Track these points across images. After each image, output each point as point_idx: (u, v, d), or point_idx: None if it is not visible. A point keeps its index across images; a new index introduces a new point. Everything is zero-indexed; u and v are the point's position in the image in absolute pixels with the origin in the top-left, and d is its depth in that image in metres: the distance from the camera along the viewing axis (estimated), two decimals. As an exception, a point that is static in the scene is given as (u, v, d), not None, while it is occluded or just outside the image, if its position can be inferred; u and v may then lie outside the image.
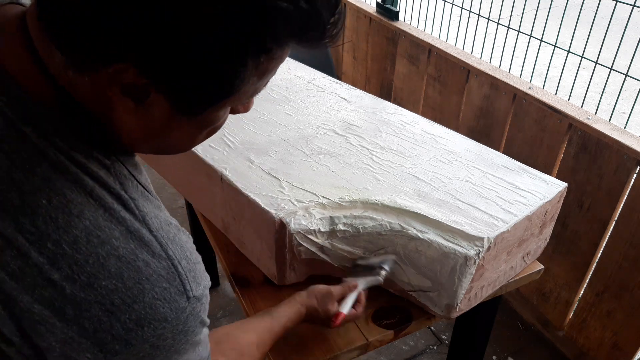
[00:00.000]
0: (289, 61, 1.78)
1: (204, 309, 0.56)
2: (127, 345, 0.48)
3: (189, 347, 0.54)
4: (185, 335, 0.52)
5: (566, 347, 1.90)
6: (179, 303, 0.50)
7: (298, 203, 1.05)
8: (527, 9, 2.01)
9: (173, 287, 0.50)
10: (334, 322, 0.93)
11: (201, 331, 0.56)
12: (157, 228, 0.52)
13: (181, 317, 0.51)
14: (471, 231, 0.98)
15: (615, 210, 1.59)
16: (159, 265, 0.50)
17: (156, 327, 0.49)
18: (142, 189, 0.55)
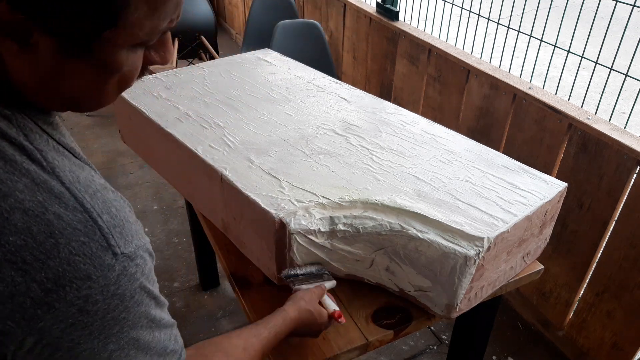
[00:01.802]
0: (289, 61, 1.78)
1: (144, 274, 0.51)
2: (49, 309, 0.44)
3: (135, 322, 0.50)
4: (121, 301, 0.48)
5: (566, 347, 1.90)
6: (103, 259, 0.46)
7: (298, 203, 1.05)
8: (527, 9, 2.01)
9: (94, 242, 0.46)
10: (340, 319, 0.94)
11: (150, 305, 0.52)
12: (71, 181, 0.48)
13: (109, 276, 0.47)
14: (471, 231, 0.98)
15: (615, 210, 1.59)
16: (74, 218, 0.46)
17: (79, 286, 0.45)
18: (62, 148, 0.51)
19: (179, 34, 3.56)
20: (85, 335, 0.47)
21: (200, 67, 1.72)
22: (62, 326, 0.45)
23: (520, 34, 1.89)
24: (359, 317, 1.07)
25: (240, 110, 1.42)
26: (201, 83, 1.59)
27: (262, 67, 1.73)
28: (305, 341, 1.01)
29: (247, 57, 1.81)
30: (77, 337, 0.46)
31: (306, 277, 1.02)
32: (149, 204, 2.74)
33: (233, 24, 4.84)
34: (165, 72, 1.67)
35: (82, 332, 0.46)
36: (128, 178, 2.96)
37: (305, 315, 0.90)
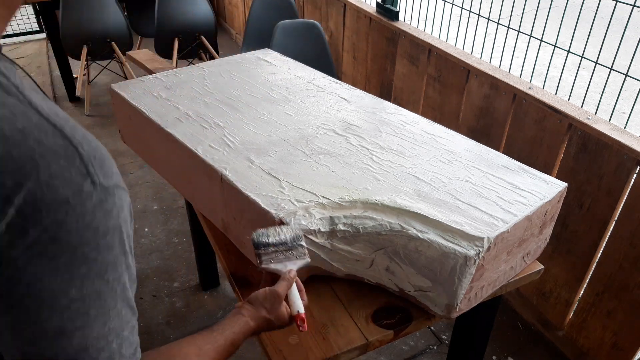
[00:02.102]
0: (289, 61, 1.78)
1: (120, 217, 0.50)
2: (22, 234, 0.43)
3: (102, 271, 0.49)
4: (94, 236, 0.47)
5: (566, 347, 1.90)
6: (82, 185, 0.46)
7: (298, 203, 1.05)
8: (527, 9, 2.01)
9: (73, 167, 0.46)
10: (301, 327, 0.86)
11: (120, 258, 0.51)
12: (49, 113, 0.47)
13: (87, 204, 0.46)
14: (471, 231, 0.98)
15: (615, 210, 1.59)
16: (54, 143, 0.45)
17: (56, 210, 0.44)
18: (34, 85, 0.51)
19: (179, 34, 3.56)
20: (50, 270, 0.45)
21: (200, 67, 1.72)
22: (30, 254, 0.44)
23: (520, 34, 1.89)
24: (359, 317, 1.07)
25: (240, 110, 1.42)
26: (201, 83, 1.59)
27: (262, 67, 1.73)
28: (305, 341, 1.01)
29: (247, 57, 1.81)
30: (41, 270, 0.45)
31: (278, 248, 0.94)
32: (149, 204, 2.75)
33: (233, 24, 4.84)
34: (165, 72, 1.67)
35: (49, 265, 0.45)
36: (128, 178, 2.96)
37: (264, 324, 0.85)
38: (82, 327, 0.49)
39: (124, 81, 1.59)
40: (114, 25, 3.53)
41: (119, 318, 0.52)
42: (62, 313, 0.47)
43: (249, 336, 0.83)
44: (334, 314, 1.07)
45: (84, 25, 3.47)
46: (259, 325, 0.84)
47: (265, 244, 0.94)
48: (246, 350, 1.95)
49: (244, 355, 1.93)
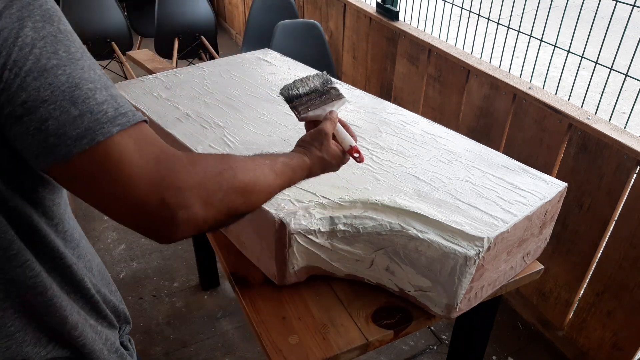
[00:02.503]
0: (289, 61, 1.78)
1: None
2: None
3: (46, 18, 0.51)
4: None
5: (566, 347, 1.90)
6: None
7: (298, 203, 1.05)
8: (527, 9, 2.01)
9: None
10: (358, 158, 0.86)
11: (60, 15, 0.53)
12: None
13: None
14: (471, 231, 0.98)
15: (615, 210, 1.59)
16: None
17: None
18: None
19: (179, 34, 3.56)
20: None
21: (200, 67, 1.72)
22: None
23: (520, 34, 1.89)
24: (359, 317, 1.06)
25: (240, 110, 1.42)
26: (201, 83, 1.59)
27: (262, 67, 1.73)
28: (305, 341, 1.01)
29: (247, 57, 1.81)
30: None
31: (311, 96, 0.91)
32: (149, 204, 2.74)
33: (233, 24, 4.84)
34: (165, 72, 1.67)
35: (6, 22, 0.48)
36: (128, 178, 2.96)
37: (318, 162, 0.83)
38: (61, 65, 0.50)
39: (124, 81, 1.59)
40: (114, 25, 3.53)
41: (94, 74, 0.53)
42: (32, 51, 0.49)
43: (305, 172, 0.80)
44: (334, 314, 1.07)
45: (84, 25, 3.47)
46: (313, 163, 0.82)
47: (297, 96, 0.90)
48: (246, 350, 1.95)
49: (244, 355, 1.93)
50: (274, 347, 1.00)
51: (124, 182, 0.51)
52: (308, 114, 0.88)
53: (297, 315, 1.06)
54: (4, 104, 0.49)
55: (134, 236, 2.50)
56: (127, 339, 0.81)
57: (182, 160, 0.55)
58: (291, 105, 0.90)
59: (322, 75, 0.94)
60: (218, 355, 1.93)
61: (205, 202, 0.56)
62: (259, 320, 1.05)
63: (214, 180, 0.58)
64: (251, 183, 0.64)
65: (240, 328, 2.04)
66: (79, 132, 0.49)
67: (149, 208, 0.52)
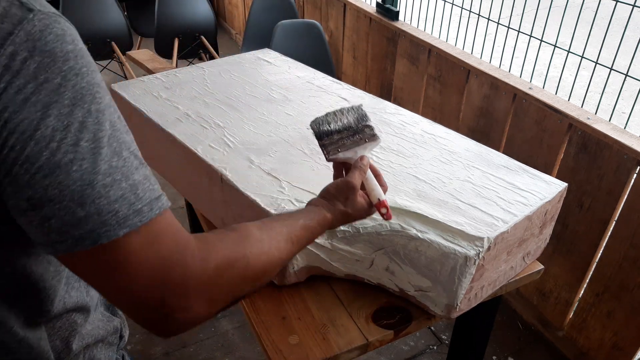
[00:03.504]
0: (289, 61, 1.78)
1: (74, 43, 0.48)
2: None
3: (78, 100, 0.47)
4: (52, 61, 0.46)
5: (566, 347, 1.90)
6: (20, 15, 0.45)
7: (298, 203, 1.05)
8: (527, 9, 2.01)
9: (4, 2, 0.45)
10: (385, 215, 0.80)
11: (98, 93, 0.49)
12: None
13: (31, 30, 0.45)
14: (471, 231, 0.98)
15: (615, 210, 1.59)
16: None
17: (2, 44, 0.44)
18: None
19: (179, 34, 3.56)
20: (20, 101, 0.45)
21: (200, 67, 1.72)
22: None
23: (520, 34, 1.89)
24: (359, 317, 1.06)
25: (240, 110, 1.42)
26: (201, 83, 1.59)
27: (262, 67, 1.73)
28: (305, 341, 1.01)
29: (247, 57, 1.81)
30: (12, 103, 0.44)
31: (342, 135, 0.84)
32: (149, 204, 2.74)
33: (233, 24, 4.84)
34: (165, 72, 1.67)
35: (17, 97, 0.44)
36: (128, 178, 2.96)
37: (341, 217, 0.79)
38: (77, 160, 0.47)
39: (124, 81, 1.59)
40: (114, 25, 3.53)
41: (120, 159, 0.51)
42: (49, 145, 0.46)
43: (326, 227, 0.77)
44: (334, 314, 1.07)
45: (84, 25, 3.47)
46: (335, 218, 0.78)
47: (328, 133, 0.84)
48: (246, 350, 1.95)
49: (244, 355, 1.93)
50: (274, 347, 1.00)
51: (126, 280, 0.49)
52: (338, 155, 0.82)
53: (297, 315, 1.06)
54: (10, 195, 0.46)
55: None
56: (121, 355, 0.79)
57: (193, 255, 0.53)
58: (320, 143, 0.84)
59: (357, 110, 0.86)
60: (218, 355, 1.93)
61: (210, 300, 0.54)
62: (258, 320, 1.05)
63: (224, 276, 0.56)
64: (264, 269, 0.62)
65: (240, 328, 2.04)
66: (82, 233, 0.47)
67: (149, 307, 0.50)
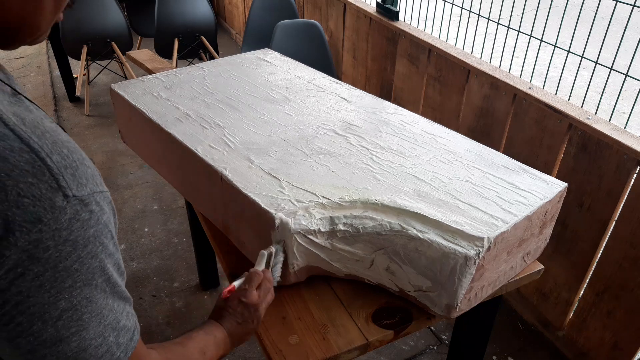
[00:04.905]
0: (289, 61, 1.78)
1: (99, 223, 0.48)
2: (0, 257, 0.42)
3: (89, 279, 0.48)
4: (74, 249, 0.46)
5: (566, 347, 1.90)
6: (54, 201, 0.44)
7: (298, 203, 1.05)
8: (527, 9, 2.01)
9: (42, 183, 0.44)
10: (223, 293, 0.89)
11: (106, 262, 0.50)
12: (16, 123, 0.45)
13: (61, 219, 0.45)
14: (471, 231, 0.98)
15: (615, 210, 1.59)
16: (21, 159, 0.44)
17: (30, 230, 0.43)
18: (9, 89, 0.50)
19: (179, 34, 3.56)
20: (35, 288, 0.45)
21: (200, 67, 1.72)
22: (11, 276, 0.43)
23: (520, 34, 1.89)
24: (359, 317, 1.06)
25: (240, 110, 1.42)
26: (201, 83, 1.59)
27: (262, 67, 1.73)
28: (305, 341, 1.01)
29: (247, 57, 1.81)
30: (26, 289, 0.44)
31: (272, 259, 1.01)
32: (149, 204, 2.74)
33: (233, 24, 4.84)
34: (165, 72, 1.67)
35: (32, 284, 0.45)
36: (128, 178, 2.96)
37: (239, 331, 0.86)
38: (78, 331, 0.49)
39: (124, 81, 1.59)
40: (114, 25, 3.53)
41: (112, 313, 0.52)
42: (56, 323, 0.47)
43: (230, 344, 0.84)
44: (334, 314, 1.07)
45: (84, 25, 3.47)
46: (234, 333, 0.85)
47: None
48: (246, 350, 1.95)
49: (244, 355, 1.93)
50: (274, 347, 1.00)
51: None
52: None
53: (297, 315, 1.06)
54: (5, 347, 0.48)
55: (133, 236, 2.50)
56: None
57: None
58: None
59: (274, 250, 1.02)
60: (218, 355, 1.93)
61: None
62: (259, 320, 1.05)
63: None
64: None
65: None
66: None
67: None
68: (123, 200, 2.76)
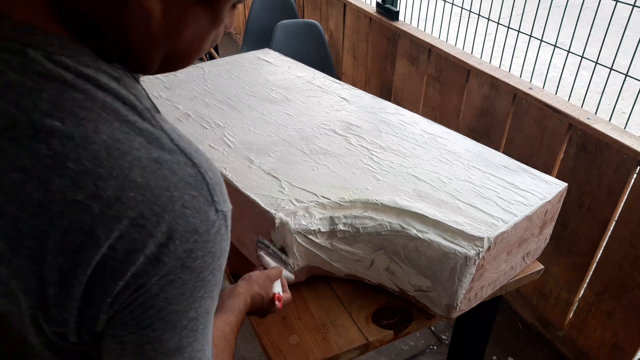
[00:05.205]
0: (289, 61, 1.78)
1: (228, 238, 0.52)
2: (158, 263, 0.45)
3: (212, 290, 0.51)
4: (212, 260, 0.49)
5: (566, 347, 1.90)
6: (208, 214, 0.47)
7: (298, 203, 1.05)
8: (527, 9, 2.01)
9: (202, 196, 0.47)
10: (277, 305, 0.91)
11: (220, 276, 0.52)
12: (178, 138, 0.48)
13: (211, 231, 0.48)
14: (471, 231, 0.98)
15: (615, 210, 1.59)
16: (186, 173, 0.47)
17: (187, 239, 0.46)
18: (154, 106, 0.52)
19: (179, 34, 3.55)
20: (179, 295, 0.47)
21: (200, 67, 1.72)
22: (163, 282, 0.45)
23: (520, 34, 1.89)
24: (359, 317, 1.07)
25: (240, 110, 1.42)
26: (201, 83, 1.59)
27: (262, 67, 1.73)
28: (305, 341, 1.01)
29: (247, 57, 1.81)
30: (172, 295, 0.46)
31: (275, 254, 1.03)
32: (149, 204, 2.74)
33: (233, 24, 4.83)
34: (165, 72, 1.67)
35: (178, 291, 0.47)
36: (128, 178, 2.96)
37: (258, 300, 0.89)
38: (193, 342, 0.50)
39: (124, 81, 1.58)
40: (114, 25, 3.53)
41: (212, 326, 0.54)
42: (181, 332, 0.49)
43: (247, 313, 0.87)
44: (334, 314, 1.07)
45: (84, 25, 3.47)
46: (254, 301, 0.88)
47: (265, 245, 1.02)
48: (246, 350, 1.95)
49: (244, 355, 1.93)
50: (274, 347, 1.00)
51: None
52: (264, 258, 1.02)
53: (297, 315, 1.06)
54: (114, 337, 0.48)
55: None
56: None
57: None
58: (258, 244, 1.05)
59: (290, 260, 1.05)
60: (218, 355, 1.93)
61: None
62: (258, 320, 1.05)
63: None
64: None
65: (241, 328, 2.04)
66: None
67: None
68: (123, 200, 2.76)
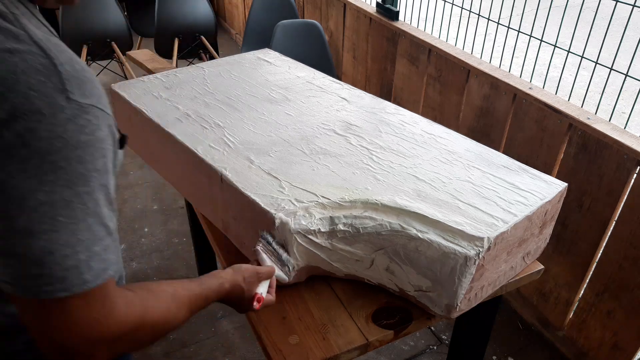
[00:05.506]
0: (289, 61, 1.78)
1: (94, 135, 0.54)
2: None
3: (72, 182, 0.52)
4: (63, 146, 0.51)
5: (566, 347, 1.90)
6: (56, 99, 0.51)
7: (298, 203, 1.05)
8: (527, 9, 2.01)
9: (50, 82, 0.51)
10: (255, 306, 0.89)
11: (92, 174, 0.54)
12: (40, 39, 0.53)
13: (58, 115, 0.51)
14: (471, 231, 0.98)
15: (615, 210, 1.59)
16: (37, 61, 0.52)
17: (29, 118, 0.50)
18: (44, 28, 0.57)
19: (179, 34, 3.56)
20: (20, 171, 0.50)
21: (200, 67, 1.72)
22: (2, 155, 0.50)
23: (520, 34, 1.89)
24: (359, 317, 1.07)
25: (240, 110, 1.42)
26: (201, 83, 1.59)
27: (262, 67, 1.73)
28: (305, 341, 1.01)
29: (247, 57, 1.81)
30: (12, 170, 0.50)
31: (274, 252, 1.01)
32: (149, 204, 2.74)
33: (233, 24, 4.84)
34: (165, 72, 1.67)
35: (18, 167, 0.50)
36: (128, 178, 2.96)
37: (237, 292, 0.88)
38: (49, 230, 0.52)
39: (124, 81, 1.59)
40: (114, 25, 3.53)
41: (89, 232, 0.55)
42: (30, 214, 0.51)
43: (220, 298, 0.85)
44: (334, 314, 1.07)
45: (84, 25, 3.47)
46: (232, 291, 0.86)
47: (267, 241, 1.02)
48: (246, 350, 1.95)
49: (244, 355, 1.93)
50: (274, 347, 1.00)
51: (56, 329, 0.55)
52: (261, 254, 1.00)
53: (297, 315, 1.06)
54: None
55: (133, 236, 2.50)
56: None
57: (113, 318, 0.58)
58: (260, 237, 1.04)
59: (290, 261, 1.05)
60: (218, 355, 1.93)
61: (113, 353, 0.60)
62: (258, 321, 1.05)
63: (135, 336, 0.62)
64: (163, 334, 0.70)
65: (241, 328, 2.04)
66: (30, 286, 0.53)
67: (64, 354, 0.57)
68: (123, 201, 2.76)
